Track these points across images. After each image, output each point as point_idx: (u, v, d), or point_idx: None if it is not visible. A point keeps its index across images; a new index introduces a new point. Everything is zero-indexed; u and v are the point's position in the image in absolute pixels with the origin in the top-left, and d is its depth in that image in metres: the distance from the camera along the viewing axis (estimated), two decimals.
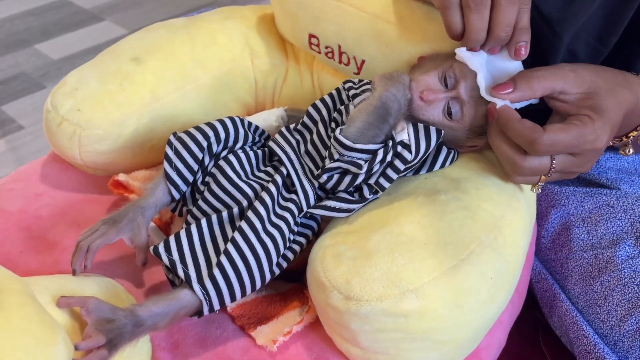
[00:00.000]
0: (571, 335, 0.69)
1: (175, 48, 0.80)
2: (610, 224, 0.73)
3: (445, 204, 0.60)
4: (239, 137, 0.68)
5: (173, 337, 0.61)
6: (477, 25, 0.57)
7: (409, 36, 0.70)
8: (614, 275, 0.68)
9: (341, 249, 0.57)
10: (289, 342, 0.60)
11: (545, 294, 0.75)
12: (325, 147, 0.65)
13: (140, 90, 0.76)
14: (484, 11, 0.56)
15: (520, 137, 0.57)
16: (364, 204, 0.63)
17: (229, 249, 0.58)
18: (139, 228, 0.63)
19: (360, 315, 0.54)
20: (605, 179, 0.77)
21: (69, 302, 0.54)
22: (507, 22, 0.57)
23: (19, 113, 1.84)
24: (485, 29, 0.57)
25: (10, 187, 0.78)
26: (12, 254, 0.69)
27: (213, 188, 0.64)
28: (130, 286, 0.66)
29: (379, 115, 0.61)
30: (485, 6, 0.56)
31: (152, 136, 0.76)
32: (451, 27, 0.58)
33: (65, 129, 0.73)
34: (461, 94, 0.61)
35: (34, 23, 2.31)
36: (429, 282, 0.54)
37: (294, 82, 0.85)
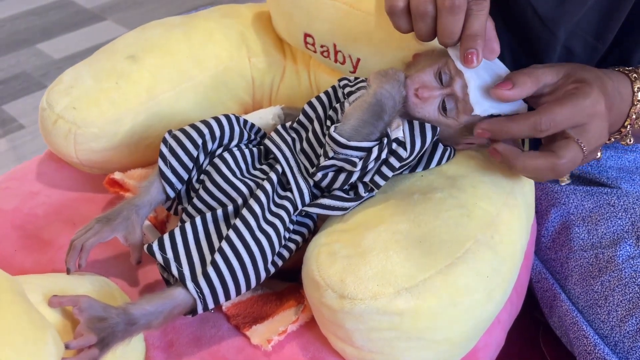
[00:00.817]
0: (571, 335, 0.68)
1: (171, 46, 0.79)
2: (610, 224, 0.72)
3: (441, 202, 0.60)
4: (234, 135, 0.67)
5: (167, 336, 0.60)
6: (422, 31, 0.59)
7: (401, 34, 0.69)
8: (615, 275, 0.68)
9: (336, 248, 0.57)
10: (284, 342, 0.59)
11: (545, 293, 0.74)
12: (320, 145, 0.65)
13: (136, 88, 0.75)
14: (427, 20, 0.57)
15: (524, 132, 0.59)
16: (360, 202, 0.63)
17: (224, 247, 0.58)
18: (133, 226, 0.63)
19: (355, 314, 0.53)
20: (606, 177, 0.76)
21: (60, 301, 0.53)
22: (449, 31, 0.57)
23: (19, 112, 1.85)
24: (430, 35, 0.59)
25: (6, 186, 0.77)
26: (6, 252, 0.69)
27: (208, 186, 0.64)
28: (125, 285, 0.66)
29: (374, 112, 0.60)
30: (429, 16, 0.57)
31: (148, 134, 0.76)
32: (400, 31, 0.61)
33: (61, 127, 0.73)
34: (456, 91, 0.61)
35: (35, 22, 2.31)
36: (424, 281, 0.53)
37: (291, 80, 0.85)
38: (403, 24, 0.60)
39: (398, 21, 0.60)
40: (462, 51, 0.57)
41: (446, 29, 0.57)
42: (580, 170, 0.78)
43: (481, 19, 0.57)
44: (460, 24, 0.57)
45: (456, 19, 0.56)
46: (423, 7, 0.57)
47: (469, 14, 0.56)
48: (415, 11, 0.58)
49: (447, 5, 0.55)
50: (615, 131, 0.66)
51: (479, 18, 0.57)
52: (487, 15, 0.57)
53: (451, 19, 0.56)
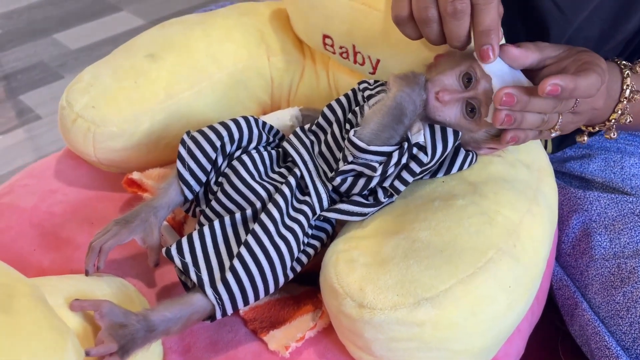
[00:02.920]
0: (593, 345, 0.67)
1: (190, 44, 0.79)
2: (634, 233, 0.71)
3: (463, 209, 0.59)
4: (252, 137, 0.67)
5: (184, 341, 0.60)
6: (430, 37, 0.60)
7: None
8: (638, 286, 0.66)
9: (355, 255, 0.56)
10: (301, 348, 0.59)
11: (566, 301, 0.73)
12: (339, 149, 0.64)
13: (155, 87, 0.75)
14: (432, 25, 0.58)
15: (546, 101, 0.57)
16: (379, 207, 0.62)
17: (242, 252, 0.57)
18: (151, 228, 0.63)
19: (374, 324, 0.53)
20: (629, 187, 0.74)
21: (82, 305, 0.53)
22: (456, 35, 0.57)
23: (36, 103, 1.86)
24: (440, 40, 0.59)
25: (25, 183, 0.78)
26: (24, 251, 0.69)
27: (226, 189, 0.64)
28: (143, 286, 0.66)
29: (394, 116, 0.59)
30: (433, 21, 0.58)
31: (167, 134, 0.76)
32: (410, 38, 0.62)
33: (80, 125, 0.73)
34: (479, 95, 0.60)
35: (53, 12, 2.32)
36: (445, 291, 0.53)
37: (310, 80, 0.84)
38: (411, 32, 0.61)
39: (405, 30, 0.61)
40: (477, 48, 0.57)
41: (452, 34, 0.57)
42: (603, 178, 0.77)
43: (492, 13, 0.56)
44: (466, 27, 0.57)
45: (460, 23, 0.56)
46: (425, 14, 0.57)
47: (478, 10, 0.56)
48: (418, 18, 0.58)
49: (449, 11, 0.56)
50: (600, 122, 0.66)
51: (489, 13, 0.56)
52: (496, 7, 0.57)
53: (456, 24, 0.56)
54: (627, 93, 0.64)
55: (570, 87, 0.54)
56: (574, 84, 0.54)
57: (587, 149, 0.82)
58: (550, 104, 0.57)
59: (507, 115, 0.56)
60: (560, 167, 0.82)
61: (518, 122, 0.57)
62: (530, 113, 0.57)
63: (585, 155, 0.81)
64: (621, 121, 0.65)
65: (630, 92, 0.65)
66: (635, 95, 0.65)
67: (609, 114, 0.66)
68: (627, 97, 0.65)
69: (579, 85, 0.55)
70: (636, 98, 0.65)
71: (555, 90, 0.54)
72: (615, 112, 0.65)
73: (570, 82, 0.54)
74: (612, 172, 0.76)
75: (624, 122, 0.65)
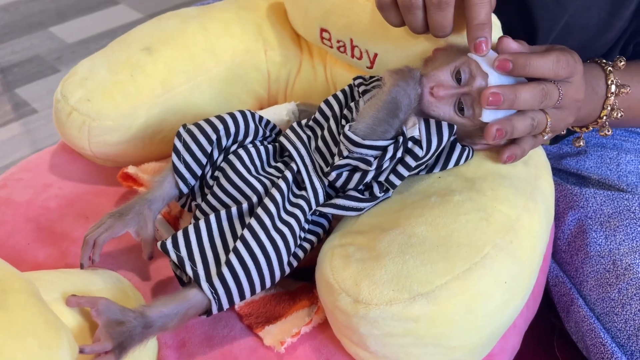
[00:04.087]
0: (588, 342, 0.67)
1: (187, 38, 0.78)
2: (630, 230, 0.71)
3: (459, 205, 0.59)
4: (249, 131, 0.67)
5: (179, 336, 0.60)
6: (413, 25, 0.60)
7: None
8: (633, 283, 0.66)
9: (350, 250, 0.56)
10: (297, 344, 0.59)
11: (562, 298, 0.73)
12: (335, 144, 0.64)
13: (151, 80, 0.74)
14: (416, 12, 0.58)
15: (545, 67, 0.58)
16: (375, 202, 0.62)
17: (238, 247, 0.57)
18: (145, 221, 0.63)
19: (369, 319, 0.52)
20: (625, 184, 0.74)
21: (79, 301, 0.53)
22: (439, 25, 0.58)
23: (32, 96, 1.85)
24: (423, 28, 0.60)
25: (19, 177, 0.77)
26: (19, 245, 0.69)
27: (222, 183, 0.63)
28: (138, 280, 0.66)
29: (389, 110, 0.59)
30: (415, 7, 0.58)
31: (163, 128, 0.75)
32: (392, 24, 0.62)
33: (75, 119, 0.72)
34: (473, 91, 0.60)
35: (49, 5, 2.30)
36: (441, 286, 0.53)
37: (307, 75, 0.84)
38: (393, 18, 0.61)
39: (388, 15, 0.61)
40: (471, 40, 0.57)
41: (436, 23, 0.58)
42: (599, 175, 0.77)
43: (486, 8, 0.57)
44: (450, 18, 0.57)
45: (445, 14, 0.57)
46: (408, 0, 0.57)
47: (473, 4, 0.56)
48: (402, 4, 0.58)
49: (434, 1, 0.56)
50: (592, 121, 0.68)
51: (484, 7, 0.57)
52: (490, 1, 0.57)
53: (440, 14, 0.57)
54: (612, 88, 0.66)
55: (521, 62, 0.56)
56: (525, 60, 0.56)
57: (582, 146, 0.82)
58: (536, 95, 0.57)
59: (497, 130, 0.58)
60: (557, 163, 0.81)
61: (510, 133, 0.58)
62: (519, 120, 0.58)
63: (581, 152, 0.81)
64: (612, 117, 0.66)
65: (615, 87, 0.66)
66: (621, 89, 0.66)
67: (599, 112, 0.67)
68: (614, 92, 0.66)
69: (531, 62, 0.57)
70: (623, 92, 0.66)
71: (507, 64, 0.56)
72: (605, 108, 0.66)
73: (522, 58, 0.56)
74: (608, 169, 0.77)
75: (615, 117, 0.66)
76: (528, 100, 0.58)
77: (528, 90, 0.57)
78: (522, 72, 0.57)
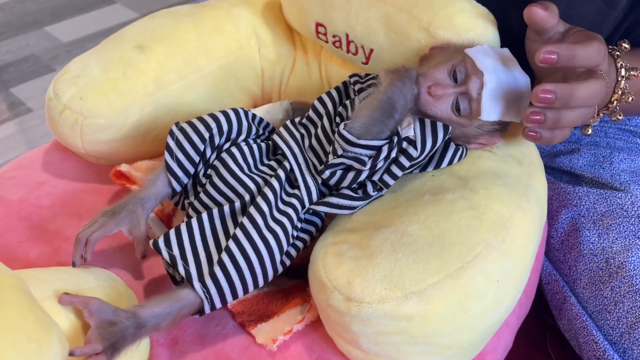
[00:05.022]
0: (581, 340, 0.68)
1: (180, 36, 0.78)
2: (622, 229, 0.71)
3: (452, 204, 0.59)
4: (242, 129, 0.66)
5: (172, 333, 0.60)
6: None
7: (418, 23, 0.67)
8: (625, 281, 0.66)
9: (343, 248, 0.56)
10: (289, 341, 0.59)
11: (555, 296, 0.73)
12: (329, 142, 0.64)
13: (144, 78, 0.74)
14: None
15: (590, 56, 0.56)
16: (368, 201, 0.62)
17: (230, 246, 0.57)
18: (137, 220, 0.62)
19: (361, 318, 0.52)
20: (619, 182, 0.74)
21: (71, 300, 0.53)
22: None
23: (28, 96, 1.84)
24: None
25: (12, 175, 0.77)
26: (11, 243, 0.68)
27: (215, 181, 0.63)
28: (130, 279, 0.66)
29: (384, 110, 0.59)
30: None
31: (156, 126, 0.75)
32: None
33: (67, 117, 0.72)
34: (470, 90, 0.59)
35: (45, 5, 2.30)
36: (433, 285, 0.52)
37: (301, 72, 0.84)
38: None
39: None
40: None
41: None
42: (592, 173, 0.77)
43: None
44: None
45: None
46: None
47: None
48: None
49: None
50: (603, 107, 0.66)
51: None
52: None
53: None
54: (622, 72, 0.65)
55: (567, 54, 0.54)
56: (571, 52, 0.54)
57: (575, 144, 0.82)
58: (596, 93, 0.55)
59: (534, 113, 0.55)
60: (550, 162, 0.81)
61: (553, 121, 0.55)
62: (570, 110, 0.56)
63: (575, 150, 0.81)
64: (623, 101, 0.65)
65: (625, 70, 0.65)
66: (631, 72, 0.65)
67: (610, 97, 0.65)
68: (624, 75, 0.65)
69: (577, 53, 0.54)
70: (633, 75, 0.65)
71: (552, 59, 0.54)
72: (616, 92, 0.65)
73: (567, 50, 0.54)
74: (601, 168, 0.77)
75: (626, 101, 0.65)
76: (585, 100, 0.55)
77: (586, 88, 0.55)
78: (567, 64, 0.55)
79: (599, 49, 0.56)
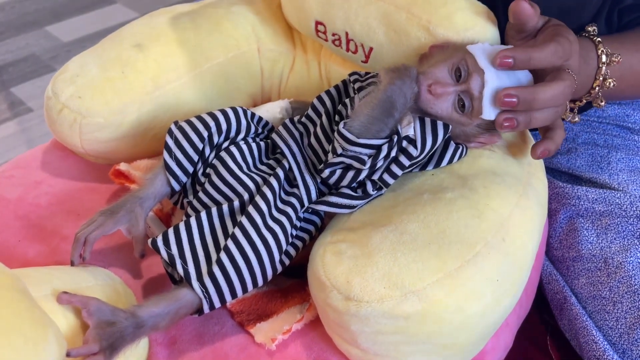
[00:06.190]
0: (581, 340, 0.67)
1: (178, 35, 0.78)
2: (621, 229, 0.71)
3: (452, 203, 0.58)
4: (241, 128, 0.66)
5: (170, 333, 0.60)
6: None
7: (418, 22, 0.67)
8: (624, 281, 0.66)
9: (342, 247, 0.56)
10: (288, 341, 0.58)
11: (555, 295, 0.73)
12: (328, 141, 0.63)
13: (142, 77, 0.74)
14: None
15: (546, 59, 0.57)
16: (367, 200, 0.61)
17: (229, 245, 0.57)
18: (136, 219, 0.62)
19: (360, 317, 0.52)
20: (617, 182, 0.74)
21: (70, 300, 0.53)
22: None
23: (28, 95, 1.84)
24: None
25: (10, 174, 0.77)
26: (9, 242, 0.68)
27: (214, 180, 0.63)
28: (129, 278, 0.65)
29: (384, 109, 0.59)
30: None
31: (154, 125, 0.75)
32: None
33: (66, 116, 0.72)
34: (472, 88, 0.59)
35: (45, 4, 2.30)
36: (432, 284, 0.52)
37: (300, 71, 0.83)
38: None
39: None
40: None
41: None
42: (590, 173, 0.76)
43: None
44: None
45: None
46: None
47: None
48: None
49: None
50: (585, 93, 0.68)
51: None
52: None
53: None
54: (603, 58, 0.66)
55: (523, 58, 0.56)
56: (526, 56, 0.56)
57: (572, 143, 0.81)
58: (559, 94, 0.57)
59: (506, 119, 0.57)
60: (548, 162, 0.81)
61: (525, 124, 0.57)
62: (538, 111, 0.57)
63: (572, 150, 0.80)
64: (605, 86, 0.66)
65: (606, 56, 0.66)
66: (612, 57, 0.66)
67: (591, 83, 0.67)
68: (605, 61, 0.66)
69: (533, 55, 0.56)
70: (614, 61, 0.66)
71: (508, 62, 0.56)
72: (597, 78, 0.66)
73: (522, 53, 0.56)
74: (599, 168, 0.76)
75: (607, 87, 0.66)
76: (547, 100, 0.57)
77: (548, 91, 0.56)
78: (524, 67, 0.57)
79: (555, 50, 0.57)
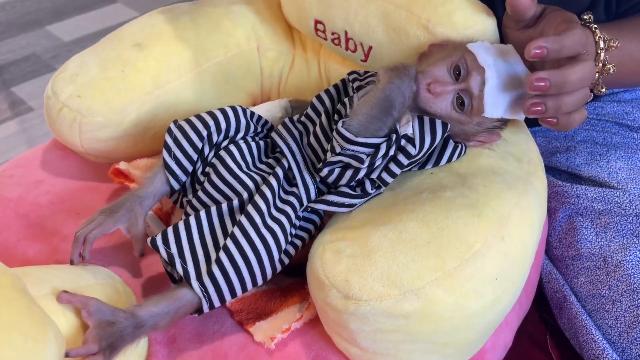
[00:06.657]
0: (580, 338, 0.67)
1: (178, 34, 0.78)
2: (620, 227, 0.70)
3: (451, 201, 0.58)
4: (240, 127, 0.66)
5: (170, 332, 0.60)
6: None
7: (417, 20, 0.67)
8: (623, 280, 0.66)
9: (341, 246, 0.56)
10: (287, 339, 0.58)
11: (555, 294, 0.72)
12: (328, 140, 0.63)
13: (142, 77, 0.74)
14: None
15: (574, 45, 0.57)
16: (366, 199, 0.61)
17: (228, 244, 0.57)
18: (136, 218, 0.62)
19: (359, 316, 0.52)
20: (616, 181, 0.74)
21: (70, 299, 0.53)
22: None
23: (29, 95, 1.84)
24: None
25: (10, 174, 0.77)
26: (9, 241, 0.68)
27: (213, 179, 0.63)
28: (129, 277, 0.65)
29: (383, 108, 0.59)
30: None
31: (154, 124, 0.75)
32: None
33: (66, 115, 0.72)
34: (471, 87, 0.59)
35: (46, 4, 2.30)
36: (431, 283, 0.52)
37: (300, 70, 0.83)
38: None
39: None
40: None
41: None
42: (589, 172, 0.76)
43: None
44: None
45: None
46: None
47: None
48: None
49: None
50: None
51: None
52: None
53: None
54: (601, 44, 0.65)
55: (556, 47, 0.55)
56: (559, 44, 0.55)
57: (571, 141, 0.81)
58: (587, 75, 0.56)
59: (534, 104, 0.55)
60: (547, 161, 0.81)
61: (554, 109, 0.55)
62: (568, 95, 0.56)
63: (571, 148, 0.80)
64: (605, 72, 0.66)
65: (603, 42, 0.65)
66: (610, 43, 0.65)
67: None
68: (603, 47, 0.65)
69: (565, 44, 0.55)
70: (612, 46, 0.65)
71: (542, 53, 0.54)
72: (597, 64, 0.65)
73: (554, 42, 0.55)
74: (598, 166, 0.76)
75: (607, 73, 0.66)
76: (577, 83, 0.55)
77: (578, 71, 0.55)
78: (555, 56, 0.56)
79: (580, 37, 0.57)
